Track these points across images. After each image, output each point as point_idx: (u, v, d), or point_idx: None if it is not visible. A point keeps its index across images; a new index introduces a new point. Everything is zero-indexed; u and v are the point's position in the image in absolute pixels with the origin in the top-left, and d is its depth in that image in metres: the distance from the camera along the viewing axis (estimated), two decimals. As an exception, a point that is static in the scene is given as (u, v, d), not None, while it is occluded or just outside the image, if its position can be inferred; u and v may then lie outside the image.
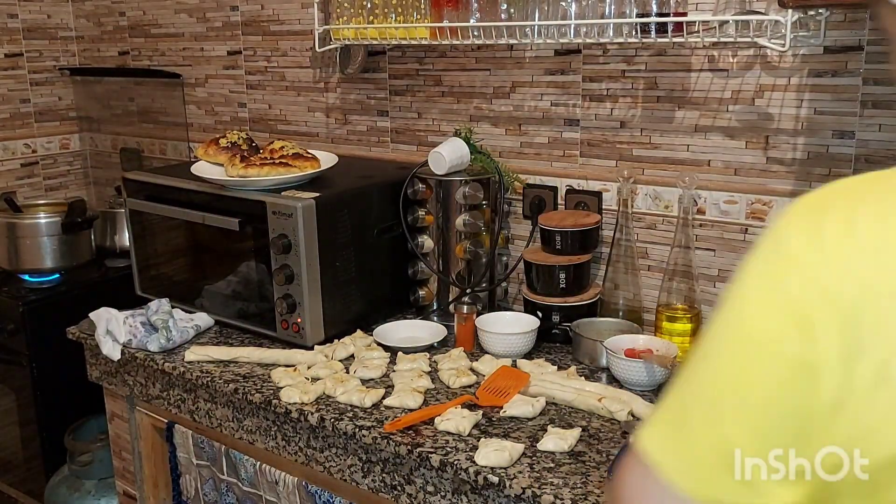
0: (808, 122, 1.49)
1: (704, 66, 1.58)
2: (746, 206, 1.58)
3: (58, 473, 2.25)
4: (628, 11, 1.46)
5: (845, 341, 0.53)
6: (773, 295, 0.58)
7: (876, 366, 0.53)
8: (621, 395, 1.38)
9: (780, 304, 0.57)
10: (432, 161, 1.72)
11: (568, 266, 1.65)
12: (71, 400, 2.23)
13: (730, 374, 0.58)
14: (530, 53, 1.79)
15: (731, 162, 1.58)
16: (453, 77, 1.92)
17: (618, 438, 1.28)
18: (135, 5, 2.56)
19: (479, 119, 1.90)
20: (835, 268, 0.55)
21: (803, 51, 1.47)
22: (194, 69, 2.46)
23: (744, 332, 0.59)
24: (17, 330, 2.21)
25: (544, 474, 1.18)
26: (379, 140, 2.08)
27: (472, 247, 1.76)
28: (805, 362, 0.54)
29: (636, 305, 1.67)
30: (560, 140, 1.79)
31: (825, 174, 1.49)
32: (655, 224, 1.69)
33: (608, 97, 1.70)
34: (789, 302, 0.56)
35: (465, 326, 1.64)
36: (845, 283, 0.54)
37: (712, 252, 1.63)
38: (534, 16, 1.56)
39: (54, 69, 2.74)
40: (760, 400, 0.56)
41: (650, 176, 1.68)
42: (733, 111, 1.57)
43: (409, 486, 1.28)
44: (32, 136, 2.71)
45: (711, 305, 1.65)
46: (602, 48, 1.69)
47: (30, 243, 2.32)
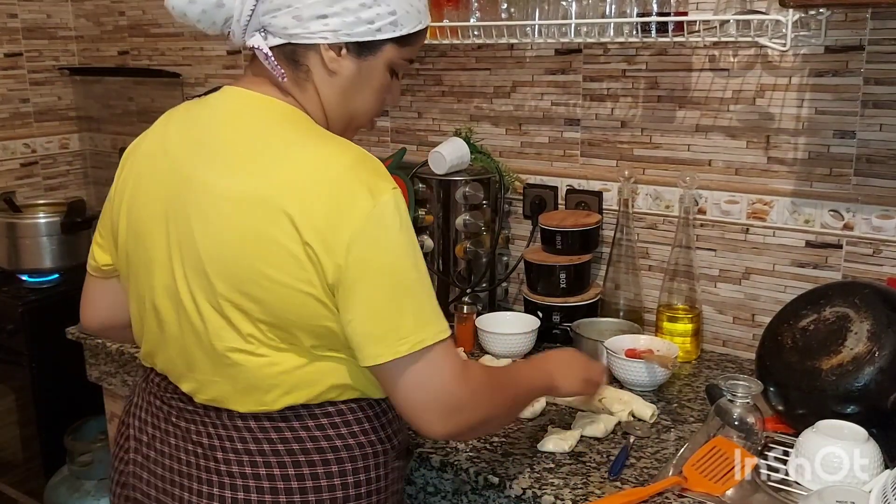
0: (809, 122, 1.49)
1: (705, 66, 1.58)
2: (747, 206, 1.57)
3: (58, 474, 2.25)
4: (629, 11, 1.45)
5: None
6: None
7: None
8: (622, 396, 1.38)
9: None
10: (432, 161, 1.72)
11: (568, 266, 1.65)
12: (71, 400, 2.23)
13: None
14: (531, 53, 1.79)
15: (732, 162, 1.58)
16: (454, 76, 1.91)
17: (618, 439, 1.28)
18: (134, 5, 2.56)
19: (479, 119, 1.89)
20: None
21: (804, 50, 1.46)
22: (194, 69, 2.45)
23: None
24: (17, 330, 2.21)
25: (544, 475, 1.17)
26: (379, 140, 2.08)
27: (472, 247, 1.75)
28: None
29: (637, 305, 1.67)
30: (560, 140, 1.78)
31: (826, 174, 1.49)
32: (656, 224, 1.69)
33: (609, 97, 1.70)
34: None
35: (465, 326, 1.64)
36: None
37: (713, 252, 1.63)
38: (534, 15, 1.55)
39: (54, 69, 2.74)
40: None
41: (651, 176, 1.68)
42: (734, 111, 1.56)
43: (409, 486, 1.28)
44: (32, 135, 2.71)
45: (712, 305, 1.65)
46: (603, 48, 1.68)
47: (29, 243, 2.32)
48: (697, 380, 1.50)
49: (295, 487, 0.97)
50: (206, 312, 0.96)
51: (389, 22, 0.98)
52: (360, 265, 0.90)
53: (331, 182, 0.90)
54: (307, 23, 0.96)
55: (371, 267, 0.90)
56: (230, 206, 0.92)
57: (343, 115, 1.04)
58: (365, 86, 1.02)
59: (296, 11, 0.95)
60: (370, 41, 0.98)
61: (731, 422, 1.20)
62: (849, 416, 1.15)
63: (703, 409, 1.37)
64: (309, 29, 0.96)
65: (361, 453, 1.01)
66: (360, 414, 1.01)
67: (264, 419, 0.98)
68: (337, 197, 0.90)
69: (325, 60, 0.98)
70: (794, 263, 1.55)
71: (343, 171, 0.92)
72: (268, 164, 0.92)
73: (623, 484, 1.15)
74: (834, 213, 1.49)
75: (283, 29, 0.97)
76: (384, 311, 0.91)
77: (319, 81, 1.00)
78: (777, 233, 1.55)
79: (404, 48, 1.02)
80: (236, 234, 0.92)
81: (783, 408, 1.26)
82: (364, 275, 0.90)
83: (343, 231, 0.89)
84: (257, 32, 0.98)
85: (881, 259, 1.46)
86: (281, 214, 0.89)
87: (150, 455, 1.06)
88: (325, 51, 0.98)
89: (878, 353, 1.16)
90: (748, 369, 1.48)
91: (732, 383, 1.20)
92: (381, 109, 1.09)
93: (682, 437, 1.29)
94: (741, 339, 1.63)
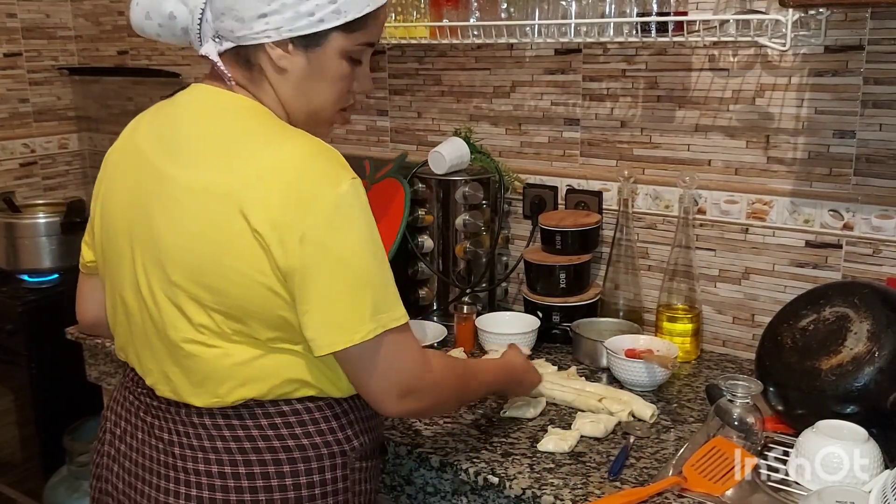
0: (809, 122, 1.49)
1: (705, 66, 1.58)
2: (747, 206, 1.57)
3: (57, 474, 2.25)
4: (629, 11, 1.45)
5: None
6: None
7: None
8: (622, 396, 1.38)
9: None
10: (432, 161, 1.72)
11: (568, 266, 1.65)
12: (70, 400, 2.23)
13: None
14: (530, 53, 1.79)
15: (731, 161, 1.58)
16: (453, 76, 1.91)
17: (618, 439, 1.28)
18: (134, 5, 2.56)
19: (478, 119, 1.89)
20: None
21: (804, 50, 1.46)
22: (193, 68, 2.45)
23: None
24: (16, 330, 2.21)
25: (544, 475, 1.17)
26: (378, 140, 2.08)
27: (472, 247, 1.75)
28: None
29: (636, 305, 1.67)
30: (560, 140, 1.78)
31: (826, 173, 1.49)
32: (656, 224, 1.69)
33: (608, 96, 1.70)
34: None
35: (465, 326, 1.64)
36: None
37: (713, 252, 1.63)
38: (534, 15, 1.55)
39: (53, 69, 2.74)
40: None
41: (650, 175, 1.68)
42: (734, 111, 1.56)
43: (409, 486, 1.28)
44: (31, 135, 2.71)
45: (712, 305, 1.64)
46: (602, 47, 1.68)
47: (28, 243, 2.32)
48: (697, 380, 1.50)
49: (246, 486, 0.98)
50: (162, 303, 0.98)
51: (331, 11, 0.97)
52: (318, 255, 0.91)
53: (289, 173, 0.92)
54: (250, 23, 0.97)
55: (329, 256, 0.91)
56: (191, 198, 0.95)
57: (303, 110, 1.04)
58: (319, 79, 1.02)
59: (237, 14, 0.97)
60: (314, 33, 0.98)
61: (730, 422, 1.20)
62: (849, 416, 1.15)
63: (703, 409, 1.37)
64: (253, 29, 0.97)
65: (316, 454, 1.00)
66: (316, 414, 1.01)
67: (219, 416, 0.99)
68: (296, 188, 0.91)
69: (274, 59, 0.99)
70: (793, 263, 1.55)
71: (302, 163, 0.93)
72: (229, 157, 0.95)
73: (623, 484, 1.15)
74: (834, 212, 1.49)
75: (230, 32, 0.99)
76: (342, 299, 0.93)
77: (273, 80, 1.01)
78: (777, 233, 1.55)
79: (355, 34, 1.01)
80: (195, 224, 0.94)
81: (783, 408, 1.26)
82: (322, 264, 0.91)
83: (301, 221, 0.90)
84: (212, 39, 1.00)
85: (881, 259, 1.46)
86: (238, 206, 0.91)
87: (121, 448, 1.08)
88: (272, 49, 0.98)
89: (878, 353, 1.16)
90: (748, 369, 1.48)
91: (732, 383, 1.20)
92: (347, 100, 1.07)
93: (682, 437, 1.29)
94: (741, 339, 1.63)
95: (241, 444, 0.99)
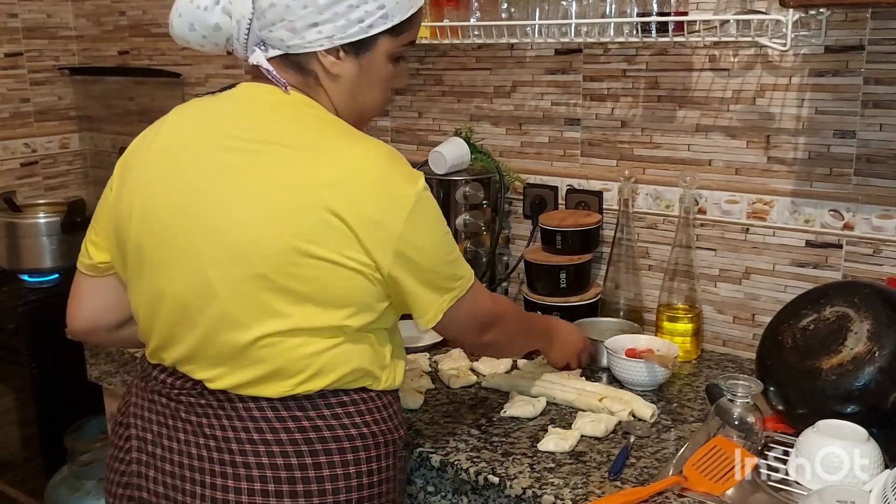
0: (810, 122, 1.49)
1: (705, 66, 1.58)
2: (748, 206, 1.57)
3: (58, 473, 2.25)
4: (629, 11, 1.45)
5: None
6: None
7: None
8: (622, 396, 1.38)
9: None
10: (432, 161, 1.72)
11: (568, 266, 1.65)
12: (71, 400, 2.23)
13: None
14: (531, 53, 1.79)
15: (732, 161, 1.58)
16: (454, 76, 1.91)
17: (619, 439, 1.28)
18: (135, 4, 2.56)
19: (479, 118, 1.89)
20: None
21: (804, 50, 1.46)
22: (194, 68, 2.45)
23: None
24: (17, 330, 2.21)
25: (545, 474, 1.17)
26: (379, 140, 2.08)
27: (472, 246, 1.75)
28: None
29: (637, 305, 1.67)
30: (561, 139, 1.78)
31: (826, 174, 1.49)
32: (656, 224, 1.69)
33: (609, 96, 1.70)
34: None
35: (465, 326, 1.64)
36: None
37: (713, 252, 1.63)
38: (534, 15, 1.55)
39: (54, 69, 2.74)
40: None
41: (651, 175, 1.68)
42: (734, 111, 1.56)
43: (410, 486, 1.28)
44: (32, 135, 2.71)
45: (712, 305, 1.65)
46: (603, 47, 1.68)
47: (29, 243, 2.32)
48: (697, 380, 1.50)
49: (312, 476, 1.00)
50: (241, 296, 0.97)
51: (380, 16, 1.01)
52: (415, 244, 0.99)
53: (373, 173, 0.98)
54: (302, 33, 1.00)
55: (425, 244, 1.00)
56: (277, 192, 0.96)
57: (353, 111, 1.08)
58: (370, 82, 1.07)
59: (290, 24, 0.99)
60: (364, 39, 1.02)
61: (731, 421, 1.20)
62: (849, 415, 1.15)
63: (703, 408, 1.37)
64: (305, 39, 1.00)
65: (374, 442, 1.05)
66: (371, 405, 1.06)
67: (280, 408, 1.01)
68: (383, 188, 0.97)
69: (326, 66, 1.03)
70: (794, 263, 1.55)
71: (383, 164, 0.99)
72: (314, 155, 0.98)
73: (623, 483, 1.15)
74: (834, 212, 1.49)
75: (280, 41, 1.01)
76: (439, 277, 1.03)
77: (327, 85, 1.05)
78: (777, 232, 1.56)
79: (401, 35, 1.06)
80: (287, 218, 0.95)
81: (783, 407, 1.26)
82: (420, 251, 0.99)
83: (394, 217, 0.97)
84: (257, 47, 1.03)
85: (881, 259, 1.46)
86: (326, 203, 0.95)
87: (156, 453, 1.06)
88: (324, 57, 1.02)
89: (879, 352, 1.16)
90: (748, 369, 1.48)
91: (732, 383, 1.20)
92: (392, 98, 1.15)
93: (682, 436, 1.29)
94: (741, 338, 1.63)
95: (307, 435, 1.01)
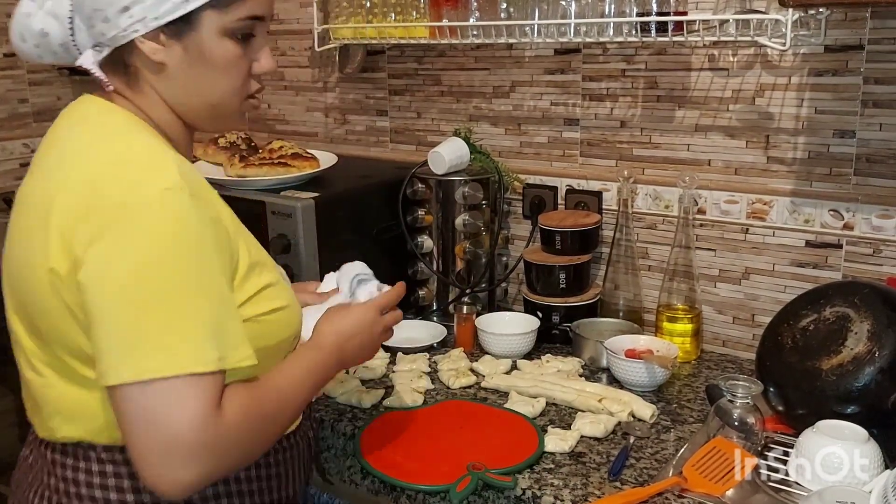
0: (809, 122, 1.49)
1: (705, 66, 1.57)
2: (747, 206, 1.57)
3: (56, 474, 2.25)
4: (628, 10, 1.45)
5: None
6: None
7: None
8: (622, 396, 1.37)
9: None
10: (432, 161, 1.72)
11: (568, 266, 1.65)
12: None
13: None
14: (530, 53, 1.79)
15: (731, 161, 1.58)
16: (452, 76, 1.91)
17: (618, 439, 1.28)
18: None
19: (478, 119, 1.89)
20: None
21: (804, 50, 1.46)
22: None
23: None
24: (16, 330, 2.20)
25: (544, 475, 1.17)
26: (378, 140, 2.08)
27: (471, 247, 1.75)
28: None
29: (636, 306, 1.67)
30: (560, 140, 1.78)
31: (826, 173, 1.49)
32: (656, 224, 1.69)
33: (608, 96, 1.70)
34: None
35: (464, 327, 1.64)
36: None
37: (713, 252, 1.63)
38: (533, 15, 1.55)
39: (52, 69, 2.73)
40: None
41: (650, 176, 1.67)
42: (734, 110, 1.56)
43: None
44: (30, 136, 2.70)
45: (712, 305, 1.64)
46: (602, 47, 1.68)
47: (28, 244, 2.31)
48: (697, 380, 1.50)
49: None
50: (11, 325, 0.94)
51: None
52: (103, 266, 0.80)
53: (91, 177, 0.84)
54: (115, 20, 0.89)
55: (115, 269, 0.80)
56: (19, 208, 0.91)
57: (200, 106, 0.96)
58: (205, 67, 0.92)
59: (103, 13, 0.89)
60: (183, 16, 0.89)
61: (731, 422, 1.20)
62: (849, 416, 1.15)
63: (703, 409, 1.36)
64: (119, 26, 0.89)
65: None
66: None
67: (58, 451, 0.93)
68: (92, 192, 0.83)
69: (148, 54, 0.90)
70: (793, 263, 1.54)
71: (107, 166, 0.85)
72: (51, 166, 0.89)
73: (623, 484, 1.15)
74: (834, 212, 1.49)
75: (102, 36, 0.91)
76: (121, 323, 0.80)
77: (152, 80, 0.93)
78: (777, 233, 1.55)
79: (228, 7, 0.90)
80: (18, 235, 0.90)
81: (783, 408, 1.25)
82: (106, 277, 0.80)
83: (88, 228, 0.81)
84: (92, 49, 0.92)
85: (881, 259, 1.46)
86: (46, 215, 0.85)
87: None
88: (143, 43, 0.90)
89: (879, 352, 1.15)
90: (748, 369, 1.47)
91: (732, 383, 1.20)
92: (250, 86, 0.97)
93: (682, 437, 1.29)
94: (741, 339, 1.63)
95: (67, 487, 0.91)
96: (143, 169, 0.85)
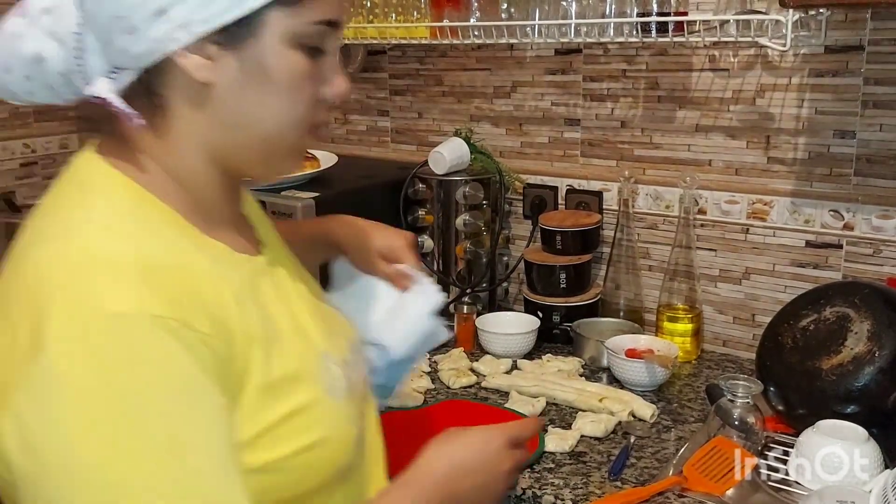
0: (809, 122, 1.49)
1: (705, 66, 1.58)
2: (748, 206, 1.57)
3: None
4: (629, 11, 1.45)
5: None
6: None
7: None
8: (622, 396, 1.38)
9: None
10: (432, 161, 1.72)
11: (568, 266, 1.65)
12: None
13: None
14: (531, 53, 1.79)
15: (732, 162, 1.58)
16: (454, 77, 1.91)
17: (619, 439, 1.28)
18: (134, 5, 2.56)
19: (479, 119, 1.89)
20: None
21: (804, 50, 1.46)
22: (194, 69, 2.45)
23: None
24: (17, 330, 2.20)
25: (545, 475, 1.17)
26: (379, 140, 2.08)
27: (472, 247, 1.75)
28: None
29: (637, 305, 1.67)
30: (561, 140, 1.78)
31: (826, 174, 1.49)
32: (656, 224, 1.69)
33: (609, 97, 1.70)
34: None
35: (465, 326, 1.64)
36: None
37: (713, 252, 1.63)
38: (534, 15, 1.55)
39: (54, 69, 2.74)
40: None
41: (651, 176, 1.68)
42: (734, 111, 1.56)
43: (410, 486, 1.28)
44: (31, 135, 2.70)
45: (712, 305, 1.64)
46: (603, 48, 1.68)
47: (29, 243, 2.31)
48: (697, 380, 1.50)
49: None
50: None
51: None
52: (24, 437, 0.59)
53: (22, 296, 0.63)
54: (145, 30, 0.65)
55: (45, 445, 0.59)
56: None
57: (247, 141, 0.72)
58: (262, 87, 0.70)
59: (127, 21, 0.65)
60: (241, 19, 0.67)
61: (731, 422, 1.20)
62: (849, 416, 1.15)
63: (703, 409, 1.37)
64: (151, 37, 0.66)
65: None
66: None
67: None
68: (14, 321, 0.61)
69: (191, 72, 0.67)
70: (794, 263, 1.55)
71: (44, 279, 0.62)
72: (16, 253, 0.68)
73: (623, 484, 1.15)
74: (834, 213, 1.49)
75: (124, 55, 0.67)
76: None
77: (189, 114, 0.70)
78: (777, 233, 1.55)
79: (302, 7, 0.69)
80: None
81: (783, 408, 1.26)
82: (35, 459, 0.59)
83: (13, 382, 0.59)
84: (107, 77, 0.69)
85: (881, 259, 1.46)
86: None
87: None
88: (185, 58, 0.67)
89: (879, 352, 1.16)
90: (748, 369, 1.48)
91: (732, 383, 1.20)
92: (316, 112, 0.74)
93: (683, 437, 1.29)
94: (741, 339, 1.63)
95: None
96: (100, 279, 0.62)
